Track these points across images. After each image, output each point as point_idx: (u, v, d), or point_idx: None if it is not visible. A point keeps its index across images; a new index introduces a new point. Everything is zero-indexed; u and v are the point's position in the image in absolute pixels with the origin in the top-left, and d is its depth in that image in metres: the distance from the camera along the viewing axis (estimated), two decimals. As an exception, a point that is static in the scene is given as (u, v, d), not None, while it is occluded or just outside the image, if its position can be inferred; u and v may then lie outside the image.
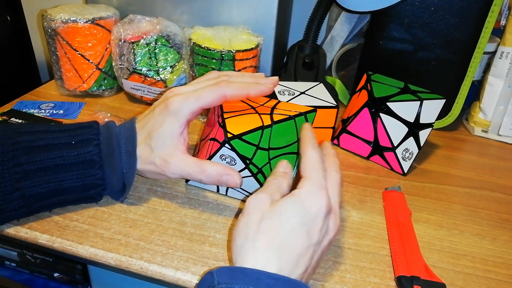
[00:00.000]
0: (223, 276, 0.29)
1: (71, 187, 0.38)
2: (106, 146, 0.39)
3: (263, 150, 0.40)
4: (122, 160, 0.39)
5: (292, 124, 0.41)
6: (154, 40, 0.59)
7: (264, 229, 0.31)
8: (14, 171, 0.36)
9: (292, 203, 0.32)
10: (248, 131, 0.38)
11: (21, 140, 0.37)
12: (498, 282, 0.37)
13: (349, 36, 0.72)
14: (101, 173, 0.39)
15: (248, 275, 0.29)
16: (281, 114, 0.41)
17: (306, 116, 0.42)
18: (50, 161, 0.37)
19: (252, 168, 0.40)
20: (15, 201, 0.36)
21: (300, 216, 0.31)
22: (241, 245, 0.31)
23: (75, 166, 0.38)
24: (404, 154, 0.51)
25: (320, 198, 0.32)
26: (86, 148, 0.38)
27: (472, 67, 0.59)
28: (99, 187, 0.39)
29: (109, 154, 0.39)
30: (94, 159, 0.38)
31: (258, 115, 0.41)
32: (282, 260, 0.30)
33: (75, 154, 0.37)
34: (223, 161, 0.40)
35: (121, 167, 0.40)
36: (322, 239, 0.32)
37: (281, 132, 0.40)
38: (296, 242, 0.30)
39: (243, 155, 0.39)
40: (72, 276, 0.55)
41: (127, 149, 0.40)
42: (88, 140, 0.38)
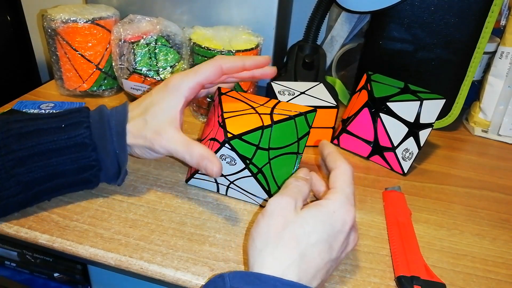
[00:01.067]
0: (236, 280, 0.28)
1: (66, 170, 0.38)
2: (97, 128, 0.39)
3: (263, 150, 0.40)
4: (113, 141, 0.40)
5: (292, 124, 0.41)
6: (154, 40, 0.59)
7: (286, 237, 0.30)
8: (8, 159, 0.36)
9: (320, 216, 0.31)
10: (248, 131, 0.38)
11: (11, 127, 0.37)
12: (498, 282, 0.37)
13: (349, 36, 0.72)
14: (95, 155, 0.39)
15: (264, 281, 0.28)
16: (281, 114, 0.41)
17: (306, 116, 0.42)
18: (42, 146, 0.37)
19: (252, 168, 0.40)
20: (12, 188, 0.36)
21: (325, 230, 0.31)
22: (260, 249, 0.30)
23: (67, 149, 0.38)
24: (404, 154, 0.51)
25: (348, 215, 0.32)
26: (77, 131, 0.38)
27: (472, 67, 0.59)
28: (94, 168, 0.40)
29: (101, 136, 0.39)
30: (85, 142, 0.38)
31: (258, 115, 0.41)
32: (301, 272, 0.29)
33: (65, 137, 0.38)
34: (223, 161, 0.40)
35: (113, 149, 0.40)
36: (341, 255, 0.32)
37: (281, 132, 0.40)
38: (317, 256, 0.30)
39: (243, 155, 0.39)
40: (72, 276, 0.55)
41: (117, 130, 0.40)
42: (78, 123, 0.39)
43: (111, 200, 0.42)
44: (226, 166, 0.40)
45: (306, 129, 0.42)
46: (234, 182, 0.42)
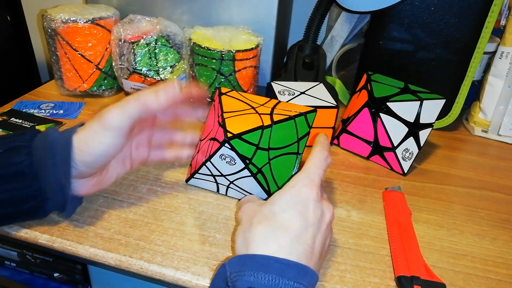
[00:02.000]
0: (234, 265, 0.30)
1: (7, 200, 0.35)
2: (39, 155, 0.35)
3: (263, 150, 0.40)
4: (58, 170, 0.35)
5: (292, 124, 0.41)
6: (154, 40, 0.59)
7: (257, 221, 0.33)
8: None
9: (281, 193, 0.34)
10: (248, 130, 0.38)
11: None
12: (498, 282, 0.37)
13: (349, 36, 0.72)
14: (36, 184, 0.35)
15: (257, 261, 0.30)
16: (281, 114, 0.41)
17: (306, 116, 0.42)
18: None
19: (252, 168, 0.40)
20: None
21: (288, 200, 0.33)
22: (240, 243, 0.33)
23: (8, 178, 0.35)
24: (404, 154, 0.51)
25: (309, 188, 0.34)
26: (17, 158, 0.35)
27: (472, 67, 0.59)
28: (38, 198, 0.36)
29: (43, 165, 0.35)
30: (25, 171, 0.35)
31: (258, 115, 0.41)
32: (283, 240, 0.31)
33: (4, 165, 0.34)
34: (222, 160, 0.40)
35: (57, 178, 0.36)
36: (319, 222, 0.33)
37: (281, 132, 0.40)
38: (291, 222, 0.32)
39: (243, 155, 0.39)
40: (72, 276, 0.55)
41: (62, 159, 0.35)
42: (18, 148, 0.35)
43: (111, 200, 0.42)
44: (225, 166, 0.40)
45: (306, 129, 0.42)
46: (234, 182, 0.42)
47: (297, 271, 0.29)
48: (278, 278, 0.28)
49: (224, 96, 0.44)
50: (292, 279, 0.29)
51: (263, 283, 0.28)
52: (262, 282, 0.28)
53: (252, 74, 0.59)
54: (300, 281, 0.29)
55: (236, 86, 0.58)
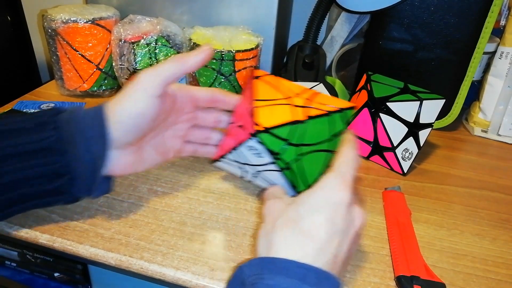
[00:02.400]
0: (252, 268, 0.29)
1: (32, 177, 0.34)
2: (67, 131, 0.35)
3: (293, 146, 0.37)
4: (92, 145, 0.35)
5: (327, 120, 0.38)
6: (154, 40, 0.59)
7: (281, 223, 0.31)
8: None
9: (309, 194, 0.31)
10: (279, 125, 0.36)
11: None
12: (498, 282, 0.37)
13: (349, 36, 0.73)
14: (63, 160, 0.34)
15: (278, 265, 0.28)
16: (317, 108, 0.38)
17: (344, 112, 0.39)
18: (12, 149, 0.34)
19: (280, 163, 0.38)
20: None
21: (318, 204, 0.31)
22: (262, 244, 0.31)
23: (35, 154, 0.34)
24: (404, 154, 0.51)
25: (341, 190, 0.31)
26: (44, 134, 0.34)
27: (472, 67, 0.59)
28: (64, 177, 0.35)
29: (71, 140, 0.35)
30: (52, 146, 0.34)
31: (292, 107, 0.39)
32: (307, 246, 0.29)
33: (34, 140, 0.34)
34: (249, 151, 0.38)
35: (88, 154, 0.35)
36: (347, 228, 0.31)
37: (315, 128, 0.38)
38: (318, 229, 0.30)
39: (271, 149, 0.37)
40: (73, 276, 0.55)
41: (97, 133, 0.35)
42: (45, 123, 0.35)
43: (111, 200, 0.43)
44: (253, 157, 0.39)
45: (342, 126, 0.39)
46: (260, 173, 0.41)
47: (318, 277, 0.28)
48: (298, 283, 0.27)
49: (257, 81, 0.41)
50: (312, 285, 0.28)
51: (283, 287, 0.27)
52: (282, 287, 0.27)
53: (252, 74, 0.60)
54: (321, 286, 0.28)
55: (236, 86, 0.58)
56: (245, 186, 0.47)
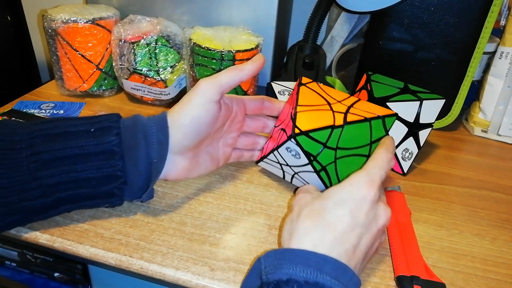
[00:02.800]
0: (270, 259, 0.30)
1: (89, 178, 0.36)
2: (128, 136, 0.37)
3: (330, 149, 0.39)
4: (153, 149, 0.38)
5: (366, 126, 0.40)
6: (155, 40, 0.59)
7: (307, 212, 0.33)
8: (32, 160, 0.34)
9: (337, 189, 0.34)
10: (317, 129, 0.38)
11: (38, 128, 0.36)
12: (498, 282, 0.37)
13: (349, 36, 0.73)
14: (121, 164, 0.36)
15: (296, 255, 0.30)
16: (356, 114, 0.40)
17: (384, 119, 0.41)
18: (69, 150, 0.35)
19: (316, 165, 0.39)
20: (33, 190, 0.34)
21: (343, 198, 0.33)
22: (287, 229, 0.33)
23: (94, 156, 0.36)
24: (404, 154, 0.51)
25: (367, 188, 0.33)
26: (106, 138, 0.36)
27: (471, 67, 0.59)
28: (118, 180, 0.37)
29: (132, 145, 0.37)
30: (114, 150, 0.36)
31: (332, 112, 0.40)
32: (327, 236, 0.31)
33: (94, 143, 0.36)
34: (288, 153, 0.41)
35: (147, 159, 0.37)
36: (370, 224, 0.33)
37: (353, 133, 0.40)
38: (340, 220, 0.31)
39: (308, 152, 0.39)
40: (73, 276, 0.55)
41: (159, 139, 0.38)
42: (108, 128, 0.37)
43: (111, 200, 0.43)
44: (291, 158, 0.41)
45: (382, 133, 0.41)
46: (298, 174, 0.43)
47: (334, 268, 0.29)
48: (316, 272, 0.29)
49: (303, 87, 0.43)
50: (329, 274, 0.29)
51: (301, 275, 0.28)
52: (300, 275, 0.28)
53: (252, 74, 0.60)
54: (338, 278, 0.29)
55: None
56: (245, 186, 0.47)
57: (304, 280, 0.28)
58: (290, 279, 0.28)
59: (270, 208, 0.44)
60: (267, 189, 0.47)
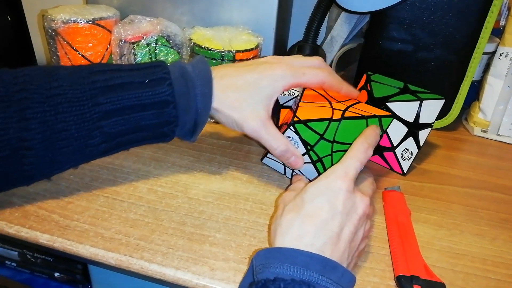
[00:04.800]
0: (260, 258, 0.31)
1: (147, 125, 0.39)
2: (180, 86, 0.40)
3: (327, 141, 0.41)
4: (197, 101, 0.40)
5: (363, 124, 0.42)
6: (155, 40, 0.59)
7: (287, 210, 0.34)
8: (94, 111, 0.37)
9: (313, 183, 0.35)
10: (315, 119, 0.41)
11: (97, 79, 0.38)
12: (498, 282, 0.37)
13: (349, 36, 0.73)
14: (175, 112, 0.40)
15: (283, 253, 0.31)
16: (354, 112, 0.42)
17: (381, 119, 0.43)
18: (127, 101, 0.38)
19: (312, 155, 0.42)
20: (97, 138, 0.38)
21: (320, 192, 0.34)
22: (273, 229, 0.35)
23: (150, 105, 0.39)
24: (404, 154, 0.51)
25: (341, 179, 0.34)
26: (160, 88, 0.39)
27: (471, 67, 0.59)
28: (172, 124, 0.41)
29: (183, 94, 0.40)
30: (168, 99, 0.39)
31: (332, 109, 0.43)
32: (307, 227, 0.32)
33: (150, 94, 0.38)
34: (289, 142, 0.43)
35: (195, 108, 0.40)
36: (349, 212, 0.33)
37: (350, 129, 0.42)
38: (318, 211, 0.33)
39: (305, 140, 0.41)
40: (73, 276, 0.55)
41: (203, 91, 0.40)
42: (161, 79, 0.39)
43: (111, 200, 0.43)
44: None
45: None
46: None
47: (322, 265, 0.30)
48: (303, 270, 0.29)
49: (307, 89, 0.46)
50: (317, 271, 0.29)
51: (288, 274, 0.29)
52: (287, 273, 0.29)
53: (252, 74, 0.60)
54: (327, 275, 0.29)
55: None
56: (245, 186, 0.47)
57: (290, 278, 0.28)
58: (277, 278, 0.28)
59: (270, 208, 0.44)
60: (267, 189, 0.47)
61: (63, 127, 0.36)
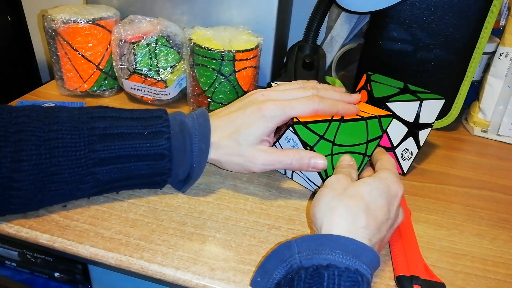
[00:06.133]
0: (306, 244, 0.31)
1: (141, 175, 0.40)
2: (177, 140, 0.41)
3: (327, 142, 0.42)
4: (193, 156, 0.41)
5: (362, 125, 0.43)
6: (155, 40, 0.59)
7: (350, 193, 0.34)
8: (90, 157, 0.37)
9: (376, 180, 0.36)
10: (314, 121, 0.41)
11: (96, 126, 0.38)
12: (498, 282, 0.37)
13: (349, 36, 0.73)
14: (169, 165, 0.40)
15: (335, 240, 0.31)
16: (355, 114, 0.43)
17: (381, 120, 0.43)
18: (123, 151, 0.38)
19: None
20: (90, 183, 0.38)
21: (383, 190, 0.35)
22: (324, 213, 0.34)
23: (146, 157, 0.39)
24: (404, 154, 0.51)
25: (399, 185, 0.37)
26: (158, 141, 0.39)
27: (471, 67, 0.59)
28: (165, 175, 0.41)
29: (180, 149, 0.41)
30: (164, 153, 0.40)
31: None
32: (369, 221, 0.33)
33: (147, 145, 0.39)
34: (288, 143, 0.44)
35: (190, 162, 0.41)
36: (396, 219, 0.36)
37: (350, 130, 0.42)
38: (379, 210, 0.34)
39: (305, 141, 0.42)
40: (73, 276, 0.55)
41: (200, 147, 0.41)
42: (160, 132, 0.40)
43: (111, 200, 0.43)
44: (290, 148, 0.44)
45: (378, 133, 0.44)
46: None
47: (370, 257, 0.31)
48: (355, 259, 0.30)
49: None
50: (366, 263, 0.30)
51: (340, 261, 0.29)
52: (339, 260, 0.29)
53: (252, 74, 0.60)
54: (371, 267, 0.31)
55: (236, 86, 0.58)
56: (245, 186, 0.47)
57: (345, 267, 0.29)
58: (330, 264, 0.29)
59: (270, 208, 0.44)
60: (267, 189, 0.47)
61: (55, 171, 0.36)
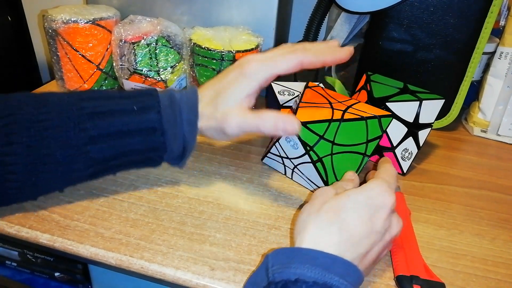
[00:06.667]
0: (278, 257, 0.30)
1: (134, 150, 0.40)
2: (168, 114, 0.40)
3: (327, 142, 0.42)
4: (183, 128, 0.41)
5: (362, 125, 0.43)
6: (155, 40, 0.59)
7: (326, 208, 0.33)
8: (80, 136, 0.37)
9: (359, 192, 0.34)
10: (314, 121, 0.41)
11: (85, 106, 0.38)
12: (498, 282, 0.37)
13: (348, 37, 0.73)
14: (162, 139, 0.40)
15: (305, 254, 0.30)
16: (354, 113, 0.43)
17: (380, 120, 0.43)
18: (114, 127, 0.38)
19: (312, 155, 0.42)
20: (83, 163, 0.38)
21: (364, 201, 0.33)
22: (303, 220, 0.33)
23: (138, 132, 0.39)
24: (404, 154, 0.51)
25: (387, 195, 0.33)
26: (148, 116, 0.39)
27: (471, 67, 0.59)
28: (159, 150, 0.41)
29: (171, 122, 0.40)
30: (155, 126, 0.39)
31: (332, 109, 0.43)
32: (343, 236, 0.31)
33: (137, 120, 0.39)
34: (287, 143, 0.43)
35: (181, 134, 0.41)
36: (385, 232, 0.33)
37: (350, 130, 0.42)
38: (358, 223, 0.32)
39: (305, 142, 0.42)
40: (73, 276, 0.55)
41: (189, 118, 0.41)
42: (150, 107, 0.39)
43: (111, 200, 0.43)
44: (290, 149, 0.43)
45: (378, 133, 0.44)
46: (297, 166, 0.45)
47: (343, 268, 0.30)
48: (324, 272, 0.29)
49: (308, 89, 0.47)
50: (337, 274, 0.29)
51: (308, 275, 0.28)
52: (308, 275, 0.28)
53: (252, 75, 0.60)
54: (345, 278, 0.29)
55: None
56: (245, 186, 0.47)
57: (313, 281, 0.28)
58: (298, 279, 0.28)
59: (270, 208, 0.44)
60: (267, 189, 0.47)
61: (47, 152, 0.36)
